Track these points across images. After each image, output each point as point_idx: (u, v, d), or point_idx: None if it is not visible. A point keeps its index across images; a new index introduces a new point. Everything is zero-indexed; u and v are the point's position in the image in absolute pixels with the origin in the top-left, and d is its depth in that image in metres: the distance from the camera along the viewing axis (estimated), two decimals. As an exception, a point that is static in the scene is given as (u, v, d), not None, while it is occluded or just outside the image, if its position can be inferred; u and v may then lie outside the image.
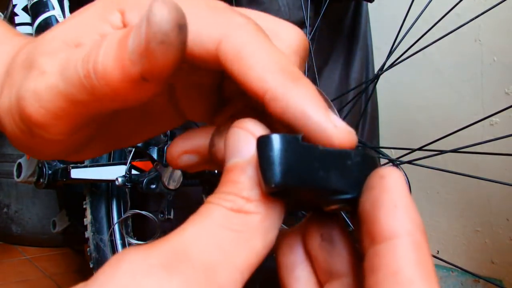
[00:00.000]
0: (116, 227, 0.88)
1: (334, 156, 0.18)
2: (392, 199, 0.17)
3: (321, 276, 0.22)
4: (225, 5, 0.21)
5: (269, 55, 0.19)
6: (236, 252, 0.17)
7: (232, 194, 0.18)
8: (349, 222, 0.23)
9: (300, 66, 0.22)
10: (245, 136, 0.18)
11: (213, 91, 0.25)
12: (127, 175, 0.78)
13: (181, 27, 0.17)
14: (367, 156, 0.19)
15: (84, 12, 0.22)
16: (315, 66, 0.80)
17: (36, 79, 0.20)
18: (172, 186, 0.74)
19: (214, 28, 0.20)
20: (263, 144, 0.18)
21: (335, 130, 0.18)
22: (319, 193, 0.19)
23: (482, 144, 0.62)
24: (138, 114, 0.25)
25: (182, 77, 0.24)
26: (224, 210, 0.17)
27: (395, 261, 0.17)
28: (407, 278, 0.16)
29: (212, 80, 0.24)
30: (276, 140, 0.17)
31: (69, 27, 0.22)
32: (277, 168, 0.17)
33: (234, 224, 0.17)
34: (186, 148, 0.24)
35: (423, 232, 0.18)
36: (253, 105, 0.23)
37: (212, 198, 0.18)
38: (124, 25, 0.21)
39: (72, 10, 0.85)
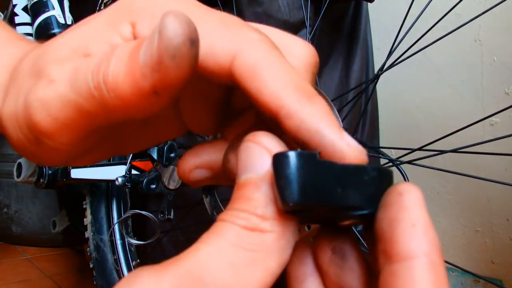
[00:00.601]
0: (116, 227, 0.88)
1: (351, 172, 0.18)
2: (410, 218, 0.17)
3: None
4: (239, 20, 0.20)
5: (284, 72, 0.19)
6: (250, 274, 0.16)
7: (246, 212, 0.17)
8: (360, 237, 0.23)
9: (312, 82, 0.22)
10: (259, 151, 0.18)
11: (218, 104, 0.24)
12: (127, 175, 0.78)
13: (193, 42, 0.17)
14: (383, 171, 0.19)
15: (93, 20, 0.22)
16: (315, 66, 0.80)
17: (44, 87, 0.20)
18: (172, 186, 0.74)
19: (229, 42, 0.19)
20: (280, 161, 0.17)
21: (348, 149, 0.18)
22: (336, 210, 0.18)
23: (482, 144, 0.62)
24: (140, 123, 0.25)
25: (187, 88, 0.24)
26: (238, 229, 0.17)
27: (411, 282, 0.16)
28: None
29: (218, 94, 0.24)
30: (294, 157, 0.17)
31: (78, 34, 0.21)
32: (295, 187, 0.17)
33: (248, 243, 0.17)
34: (198, 162, 0.24)
35: (440, 252, 0.17)
36: (266, 120, 0.22)
37: (224, 216, 0.18)
38: (135, 37, 0.21)
39: (72, 10, 0.85)
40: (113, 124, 0.20)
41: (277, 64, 0.19)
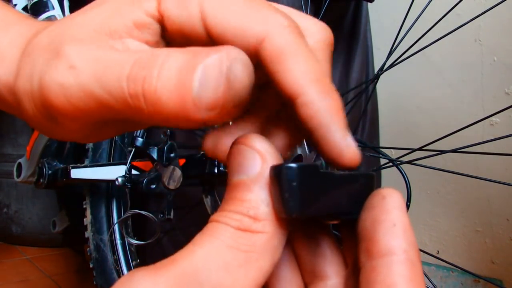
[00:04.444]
0: (116, 227, 0.88)
1: (345, 181, 0.19)
2: (391, 219, 0.18)
3: (305, 277, 0.22)
4: (265, 2, 0.21)
5: (308, 62, 0.20)
6: (244, 274, 0.17)
7: (239, 213, 0.18)
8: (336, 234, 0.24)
9: (329, 62, 0.23)
10: (251, 154, 0.18)
11: None
12: (127, 175, 0.78)
13: (253, 87, 0.17)
14: (369, 177, 0.20)
15: None
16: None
17: (64, 71, 0.19)
18: (172, 186, 0.74)
19: (259, 25, 0.20)
20: (285, 173, 0.18)
21: (347, 150, 0.19)
22: (330, 216, 0.20)
23: (482, 144, 0.62)
24: None
25: None
26: (231, 230, 0.17)
27: (390, 276, 0.17)
28: None
29: None
30: (298, 171, 0.18)
31: (98, 12, 0.21)
32: (298, 199, 0.18)
33: (242, 244, 0.17)
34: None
35: (417, 251, 0.18)
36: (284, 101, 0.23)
37: (218, 217, 0.18)
38: (159, 13, 0.21)
39: (72, 10, 0.85)
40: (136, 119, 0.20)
41: (302, 52, 0.20)
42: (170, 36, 0.21)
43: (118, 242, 0.88)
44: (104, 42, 0.20)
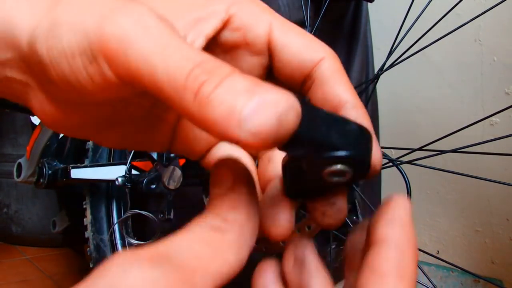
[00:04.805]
0: (116, 227, 0.88)
1: (336, 120, 0.21)
2: (391, 213, 0.21)
3: None
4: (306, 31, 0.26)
5: (348, 81, 0.26)
6: (210, 261, 0.19)
7: (212, 215, 0.21)
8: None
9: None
10: (225, 171, 0.22)
11: None
12: (127, 175, 0.78)
13: None
14: (363, 128, 0.22)
15: None
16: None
17: (135, 24, 0.19)
18: (172, 186, 0.74)
19: (319, 50, 0.25)
20: None
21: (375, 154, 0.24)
22: (320, 148, 0.21)
23: (482, 144, 0.62)
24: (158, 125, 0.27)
25: None
26: (205, 227, 0.20)
27: (378, 260, 0.19)
28: (385, 274, 0.19)
29: None
30: None
31: (171, 2, 0.24)
32: None
33: (211, 239, 0.20)
34: None
35: (412, 242, 0.20)
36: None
37: (197, 218, 0.21)
38: (227, 14, 0.24)
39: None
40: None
41: (345, 74, 0.26)
42: (226, 35, 0.25)
43: (118, 242, 0.88)
44: (174, 27, 0.21)
